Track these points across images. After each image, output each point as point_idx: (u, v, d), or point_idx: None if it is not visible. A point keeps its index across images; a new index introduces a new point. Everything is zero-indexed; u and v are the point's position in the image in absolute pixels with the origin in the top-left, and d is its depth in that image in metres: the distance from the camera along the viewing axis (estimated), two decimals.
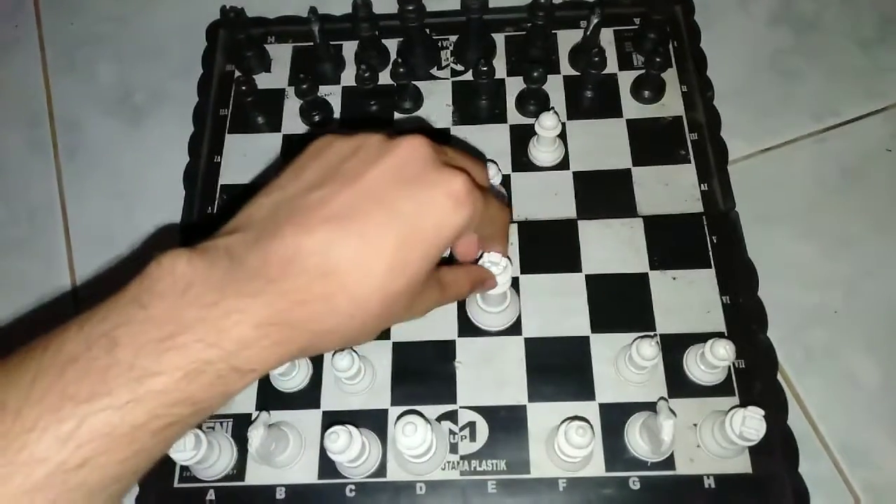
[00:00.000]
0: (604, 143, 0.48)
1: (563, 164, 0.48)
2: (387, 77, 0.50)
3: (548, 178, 0.47)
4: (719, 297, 0.43)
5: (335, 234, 0.25)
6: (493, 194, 0.31)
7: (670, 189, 0.47)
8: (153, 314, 0.23)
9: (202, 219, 0.47)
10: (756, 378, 0.41)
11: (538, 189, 0.47)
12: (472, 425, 0.40)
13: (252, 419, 0.41)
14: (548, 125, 0.45)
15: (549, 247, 0.45)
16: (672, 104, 0.50)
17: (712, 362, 0.38)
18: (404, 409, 0.41)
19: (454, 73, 0.52)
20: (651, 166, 0.47)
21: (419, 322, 0.42)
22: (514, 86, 0.51)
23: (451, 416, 0.41)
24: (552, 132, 0.45)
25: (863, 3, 0.55)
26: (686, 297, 0.43)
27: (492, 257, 0.36)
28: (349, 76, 0.52)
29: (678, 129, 0.49)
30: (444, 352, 0.42)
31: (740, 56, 0.54)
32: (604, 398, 0.41)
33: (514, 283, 0.44)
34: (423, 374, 0.42)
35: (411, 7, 0.48)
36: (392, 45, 0.53)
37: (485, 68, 0.47)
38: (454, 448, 0.40)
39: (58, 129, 0.54)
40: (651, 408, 0.40)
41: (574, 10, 0.53)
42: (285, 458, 0.39)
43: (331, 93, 0.52)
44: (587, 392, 0.41)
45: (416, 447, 0.35)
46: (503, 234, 0.35)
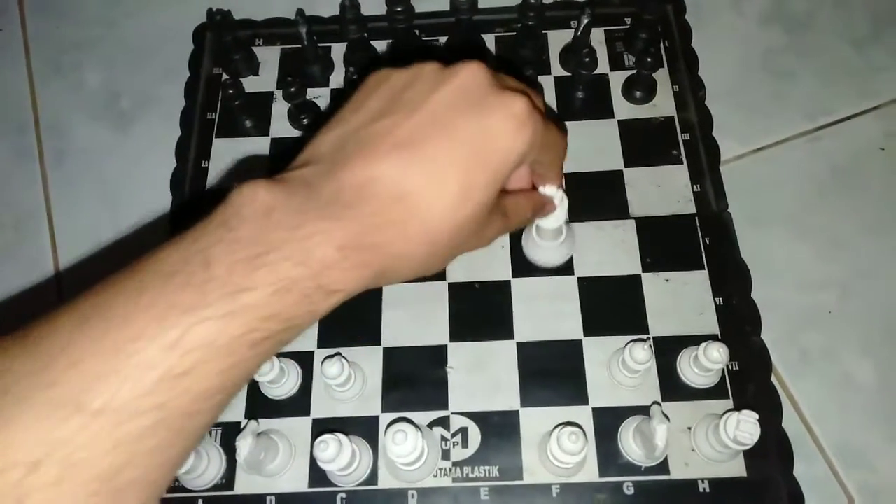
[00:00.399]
0: (595, 145, 0.48)
1: None
2: None
3: None
4: (713, 298, 0.43)
5: (404, 160, 0.25)
6: (553, 121, 0.31)
7: (662, 190, 0.46)
8: (242, 235, 0.23)
9: (193, 202, 0.47)
10: (750, 380, 0.40)
11: None
12: (464, 431, 0.40)
13: (241, 427, 0.40)
14: None
15: None
16: (664, 104, 0.49)
17: (706, 365, 0.38)
18: (395, 415, 0.40)
19: None
20: (643, 167, 0.47)
21: (410, 326, 0.42)
22: None
23: (443, 423, 0.40)
24: None
25: (855, 2, 0.55)
26: (679, 300, 0.43)
27: (547, 190, 0.36)
28: (338, 78, 0.52)
29: (670, 130, 0.48)
30: (436, 357, 0.42)
31: (732, 56, 0.54)
32: (597, 402, 0.40)
33: (507, 285, 0.43)
34: (415, 379, 0.41)
35: (400, 8, 0.48)
36: (381, 46, 0.53)
37: None
38: (446, 454, 0.39)
39: (43, 135, 0.54)
40: (645, 412, 0.39)
41: (564, 10, 0.53)
42: (275, 466, 0.38)
43: (319, 95, 0.51)
44: (580, 396, 0.40)
45: (407, 455, 0.34)
46: (560, 162, 0.34)
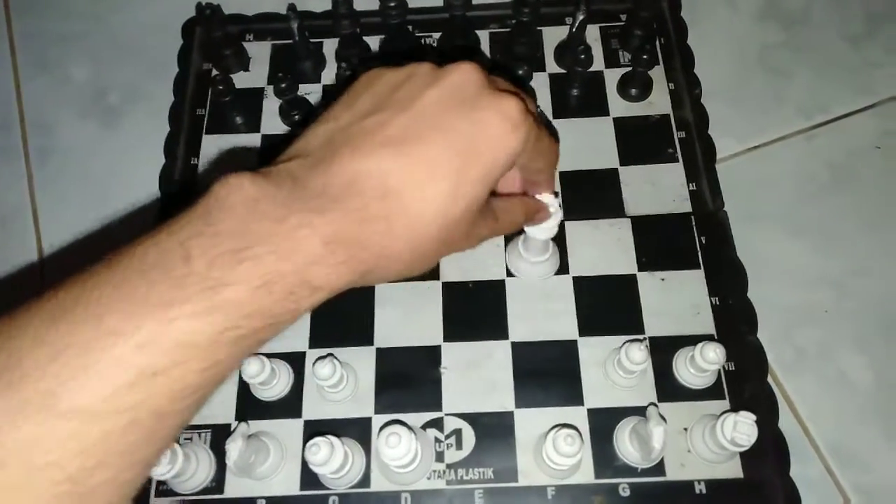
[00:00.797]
0: (590, 142, 0.48)
1: None
2: None
3: None
4: (708, 298, 0.42)
5: (393, 157, 0.25)
6: (545, 126, 0.31)
7: (658, 189, 0.46)
8: (225, 227, 0.23)
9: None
10: (746, 381, 0.40)
11: None
12: (458, 433, 0.39)
13: (231, 430, 0.39)
14: None
15: None
16: (659, 102, 0.49)
17: (702, 366, 0.38)
18: (388, 417, 0.40)
19: None
20: (638, 165, 0.46)
21: (403, 326, 0.42)
22: None
23: (437, 424, 0.40)
24: None
25: None
26: (675, 299, 0.42)
27: (543, 198, 0.36)
28: (330, 74, 0.51)
29: (666, 128, 0.48)
30: (429, 357, 0.41)
31: (727, 53, 0.53)
32: (592, 403, 0.40)
33: (501, 285, 0.43)
34: (408, 380, 0.41)
35: (393, 3, 0.47)
36: (374, 42, 0.52)
37: None
38: (440, 456, 0.39)
39: (29, 133, 0.53)
40: (640, 412, 0.39)
41: (559, 7, 0.52)
42: (266, 469, 0.38)
43: (311, 91, 0.50)
44: (576, 397, 0.40)
45: (401, 458, 0.34)
46: (552, 168, 0.34)
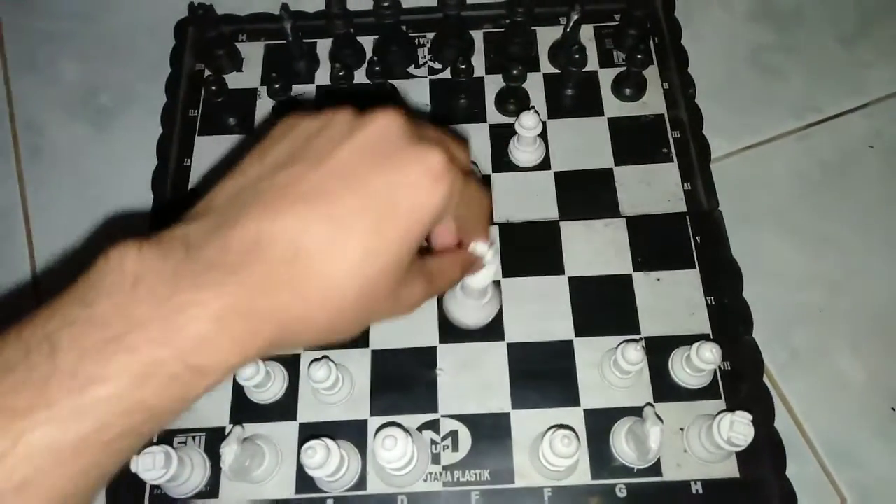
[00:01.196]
0: (585, 142, 0.48)
1: (545, 164, 0.47)
2: (362, 76, 0.49)
3: (529, 179, 0.46)
4: (704, 298, 0.42)
5: (302, 217, 0.23)
6: (475, 175, 0.30)
7: (653, 188, 0.46)
8: (98, 312, 0.21)
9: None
10: (742, 381, 0.40)
11: (519, 190, 0.46)
12: (454, 434, 0.39)
13: (226, 433, 0.39)
14: (528, 124, 0.44)
15: (530, 249, 0.44)
16: (653, 102, 0.49)
17: (698, 365, 0.38)
18: (384, 419, 0.39)
19: (432, 71, 0.51)
20: (633, 165, 0.47)
21: (399, 328, 0.42)
22: (494, 84, 0.50)
23: (433, 426, 0.39)
24: (533, 131, 0.44)
25: None
26: (670, 299, 0.42)
27: (476, 248, 0.35)
28: (324, 75, 0.51)
29: (660, 128, 0.48)
30: (425, 359, 0.41)
31: (720, 53, 0.53)
32: (589, 404, 0.40)
33: (496, 286, 0.43)
34: (404, 382, 0.41)
35: (387, 3, 0.47)
36: (368, 42, 0.52)
37: (463, 66, 0.46)
38: (436, 458, 0.39)
39: (19, 131, 0.52)
40: (637, 413, 0.39)
41: (554, 7, 0.52)
42: (261, 473, 0.37)
43: (305, 92, 0.50)
44: (572, 398, 0.40)
45: (397, 460, 0.34)
46: (484, 218, 0.32)
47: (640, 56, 0.46)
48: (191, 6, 0.49)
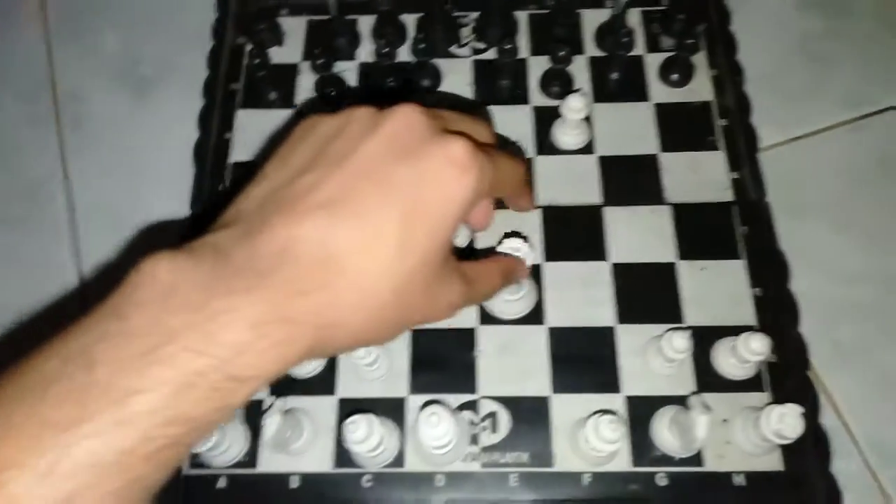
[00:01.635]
0: (630, 128, 0.47)
1: (588, 149, 0.46)
2: (405, 55, 0.49)
3: (572, 162, 0.46)
4: (749, 289, 0.42)
5: (329, 219, 0.23)
6: (503, 150, 0.29)
7: (699, 176, 0.45)
8: (134, 325, 0.20)
9: (212, 202, 0.45)
10: (787, 374, 0.39)
11: (562, 173, 0.45)
12: (493, 416, 0.39)
13: (265, 406, 0.39)
14: (575, 107, 0.43)
15: (573, 233, 0.43)
16: (701, 89, 0.48)
17: (745, 356, 0.37)
18: (423, 397, 0.39)
19: (475, 51, 0.50)
20: (679, 152, 0.46)
21: None
22: (537, 66, 0.49)
23: (472, 406, 0.39)
24: (579, 114, 0.43)
25: None
26: (715, 289, 0.42)
27: (511, 244, 0.35)
28: (365, 52, 0.50)
29: (707, 115, 0.47)
30: (465, 340, 0.41)
31: (769, 40, 0.52)
32: (630, 391, 0.39)
33: (537, 270, 0.42)
34: (443, 362, 0.40)
35: None
36: (410, 20, 0.51)
37: (508, 46, 0.45)
38: (475, 439, 0.38)
39: (60, 100, 0.52)
40: (678, 401, 0.38)
41: None
42: (300, 446, 0.37)
43: (346, 69, 0.50)
44: (612, 384, 0.39)
45: (440, 438, 0.33)
46: (522, 189, 0.32)
47: (690, 41, 0.45)
48: None
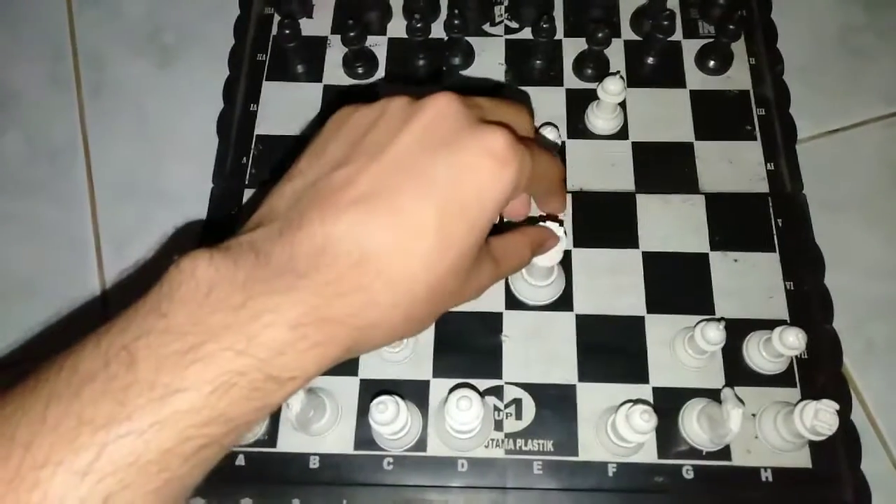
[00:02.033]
0: (665, 114, 0.46)
1: (622, 134, 0.45)
2: (438, 31, 0.47)
3: (605, 148, 0.45)
4: (783, 282, 0.41)
5: (366, 216, 0.22)
6: (542, 145, 0.28)
7: (734, 166, 0.44)
8: (174, 323, 0.20)
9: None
10: (819, 370, 0.39)
11: (594, 158, 0.44)
12: (518, 402, 0.38)
13: None
14: (612, 90, 0.42)
15: (604, 220, 0.43)
16: (739, 77, 0.47)
17: (779, 350, 0.36)
18: (446, 381, 0.38)
19: (508, 30, 0.49)
20: (715, 141, 0.45)
21: None
22: (572, 47, 0.48)
23: (497, 392, 0.38)
24: (616, 98, 0.42)
25: None
26: (748, 281, 0.41)
27: (546, 224, 0.34)
28: (395, 27, 0.49)
29: (745, 104, 0.46)
30: (490, 324, 0.40)
31: (808, 31, 0.51)
32: (658, 382, 0.38)
33: (566, 256, 0.41)
34: (468, 346, 0.40)
35: None
36: None
37: (546, 25, 0.44)
38: (499, 425, 0.38)
39: (81, 65, 0.51)
40: (707, 394, 0.38)
41: None
42: (321, 426, 0.37)
43: (376, 43, 0.48)
44: (641, 375, 0.39)
45: (469, 422, 0.33)
46: (559, 188, 0.31)
47: (731, 27, 0.44)
48: None
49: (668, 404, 0.38)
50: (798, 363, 0.39)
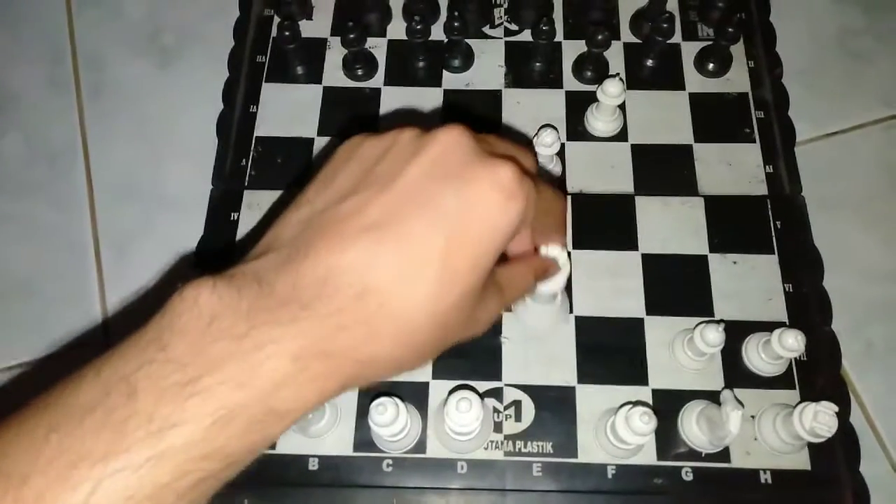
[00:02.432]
0: (664, 116, 0.46)
1: (622, 136, 0.45)
2: (437, 33, 0.48)
3: (604, 150, 0.45)
4: (782, 284, 0.41)
5: (371, 247, 0.22)
6: (545, 181, 0.28)
7: (733, 168, 0.44)
8: (175, 354, 0.20)
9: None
10: (818, 372, 0.39)
11: (594, 160, 0.44)
12: (517, 404, 0.38)
13: None
14: (612, 92, 0.42)
15: (603, 222, 0.43)
16: (737, 79, 0.47)
17: (778, 352, 0.36)
18: (446, 383, 0.39)
19: (508, 32, 0.49)
20: (713, 143, 0.45)
21: None
22: (571, 50, 0.48)
23: (496, 394, 0.38)
24: (615, 100, 0.42)
25: None
26: (747, 283, 0.41)
27: (551, 251, 0.33)
28: (395, 29, 0.49)
29: (743, 106, 0.46)
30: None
31: (807, 34, 0.51)
32: (657, 384, 0.38)
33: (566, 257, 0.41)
34: (467, 348, 0.39)
35: None
36: None
37: (546, 28, 0.44)
38: (498, 427, 0.38)
39: (81, 66, 0.51)
40: (706, 396, 0.38)
41: None
42: (320, 428, 0.37)
43: (376, 45, 0.49)
44: (640, 377, 0.39)
45: (469, 424, 0.33)
46: (560, 222, 0.31)
47: (730, 29, 0.44)
48: None
49: (667, 406, 0.38)
50: (797, 365, 0.39)
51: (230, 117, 0.46)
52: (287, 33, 0.45)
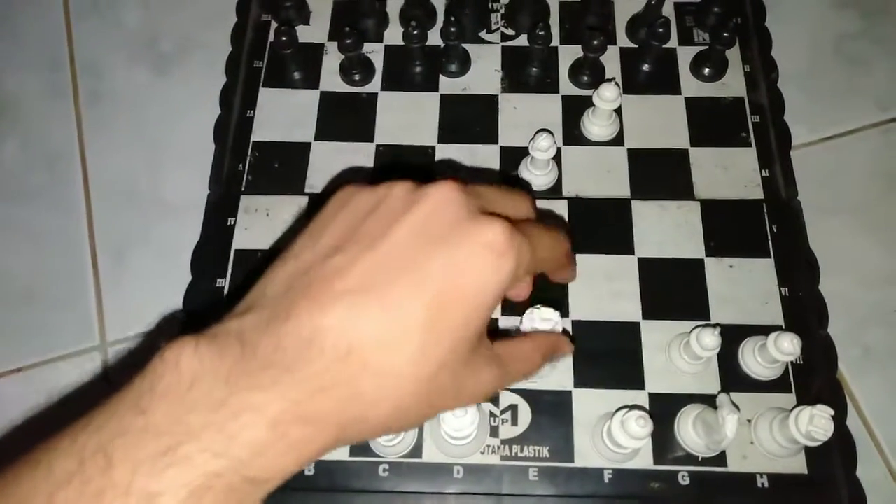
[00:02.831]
0: (660, 121, 0.46)
1: (618, 140, 0.45)
2: (434, 38, 0.48)
3: (601, 154, 0.45)
4: (778, 288, 0.41)
5: (354, 309, 0.22)
6: (546, 225, 0.28)
7: (729, 173, 0.44)
8: (153, 421, 0.20)
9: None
10: (815, 376, 0.39)
11: (590, 165, 0.45)
12: (513, 409, 0.38)
13: None
14: (607, 97, 0.42)
15: (600, 226, 0.43)
16: (733, 84, 0.47)
17: (774, 356, 0.36)
18: None
19: (504, 37, 0.49)
20: (709, 147, 0.45)
21: None
22: (568, 54, 0.48)
23: (492, 398, 0.38)
24: (612, 104, 0.42)
25: None
26: (743, 287, 0.41)
27: (543, 314, 0.33)
28: (392, 34, 0.49)
29: (739, 111, 0.46)
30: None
31: (803, 38, 0.51)
32: (654, 388, 0.38)
33: None
34: None
35: None
36: (440, 2, 0.50)
37: (542, 33, 0.44)
38: (494, 431, 0.38)
39: (79, 74, 0.51)
40: (703, 400, 0.38)
41: None
42: None
43: (373, 51, 0.49)
44: (636, 381, 0.39)
45: (464, 429, 0.33)
46: (566, 264, 0.31)
47: (726, 34, 0.44)
48: None
49: (663, 410, 0.38)
50: (793, 369, 0.39)
51: (227, 122, 0.46)
52: (284, 38, 0.45)
